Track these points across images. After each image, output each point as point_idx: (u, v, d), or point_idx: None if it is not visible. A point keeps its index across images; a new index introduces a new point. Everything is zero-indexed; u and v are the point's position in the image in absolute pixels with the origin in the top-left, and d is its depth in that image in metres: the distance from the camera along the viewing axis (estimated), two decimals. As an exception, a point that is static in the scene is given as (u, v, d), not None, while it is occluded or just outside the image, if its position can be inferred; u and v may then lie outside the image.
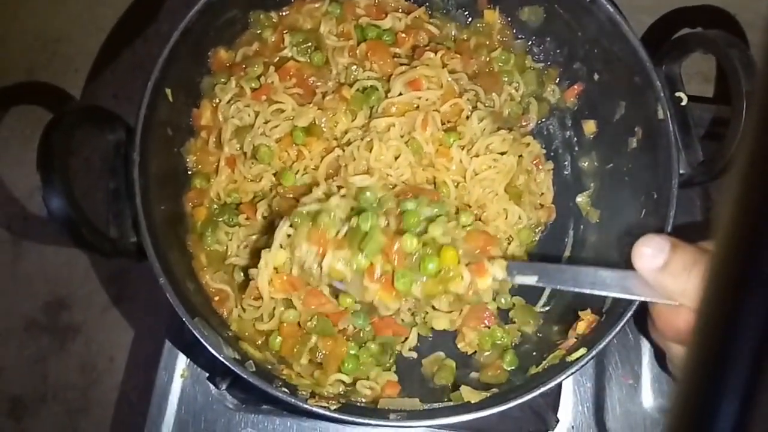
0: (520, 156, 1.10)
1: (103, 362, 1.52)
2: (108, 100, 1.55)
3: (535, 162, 1.13)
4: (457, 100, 1.08)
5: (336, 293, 0.99)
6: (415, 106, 1.08)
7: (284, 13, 1.16)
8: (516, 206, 1.08)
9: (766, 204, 0.31)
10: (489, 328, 1.05)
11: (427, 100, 1.07)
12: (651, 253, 0.77)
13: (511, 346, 1.05)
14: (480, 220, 1.06)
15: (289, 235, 0.95)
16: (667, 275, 0.76)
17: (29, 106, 1.54)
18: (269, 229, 1.02)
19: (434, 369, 1.06)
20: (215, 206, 1.09)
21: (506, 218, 1.08)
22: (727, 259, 0.33)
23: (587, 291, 0.87)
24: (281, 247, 0.93)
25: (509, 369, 1.02)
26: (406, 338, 1.06)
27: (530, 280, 0.91)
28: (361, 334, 1.03)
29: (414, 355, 1.07)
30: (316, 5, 1.15)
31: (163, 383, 1.13)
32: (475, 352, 1.07)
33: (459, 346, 1.06)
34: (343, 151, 1.07)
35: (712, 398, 0.31)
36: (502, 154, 1.07)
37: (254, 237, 1.06)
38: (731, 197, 0.33)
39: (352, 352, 1.01)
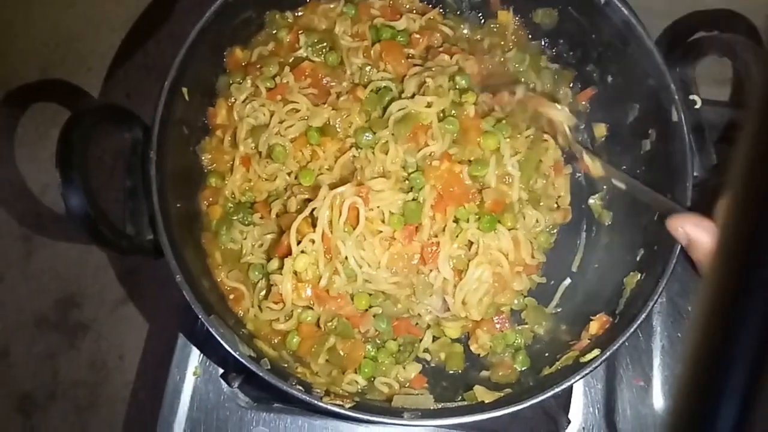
0: (540, 161, 1.10)
1: (113, 360, 1.53)
2: (121, 99, 1.56)
3: (553, 166, 1.13)
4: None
5: (353, 296, 1.00)
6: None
7: (299, 14, 1.16)
8: (534, 210, 1.08)
9: (765, 210, 0.32)
10: (503, 332, 1.05)
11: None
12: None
13: (524, 347, 1.05)
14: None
15: (312, 240, 0.96)
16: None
17: (41, 103, 1.55)
18: (283, 228, 1.02)
19: (442, 356, 1.06)
20: (230, 205, 1.09)
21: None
22: (728, 260, 0.33)
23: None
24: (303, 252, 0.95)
25: (521, 369, 1.03)
26: (421, 339, 1.07)
27: (621, 185, 1.00)
28: (380, 335, 1.04)
29: (428, 357, 1.07)
30: (332, 6, 1.16)
31: (176, 381, 1.13)
32: (487, 353, 1.07)
33: (472, 348, 1.07)
34: (359, 152, 1.07)
35: (712, 399, 0.32)
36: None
37: (269, 236, 1.06)
38: (731, 200, 0.33)
39: (372, 354, 1.02)
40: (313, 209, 0.98)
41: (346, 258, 0.97)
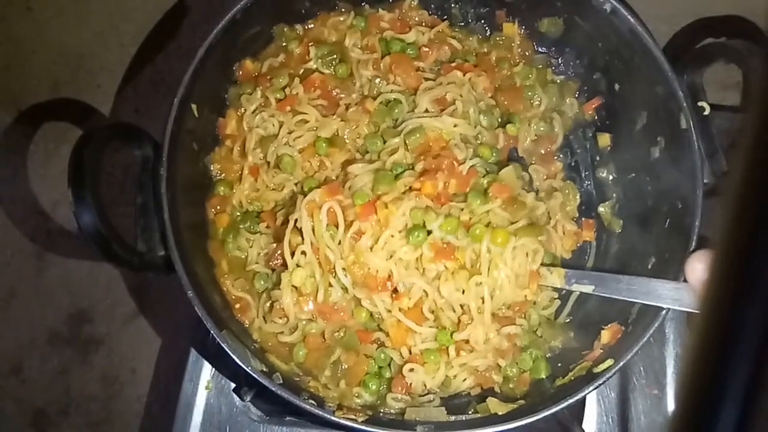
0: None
1: (125, 374, 1.53)
2: (130, 114, 1.57)
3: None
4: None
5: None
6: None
7: (309, 26, 1.17)
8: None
9: (764, 210, 0.32)
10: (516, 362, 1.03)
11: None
12: (703, 268, 0.80)
13: (542, 357, 1.03)
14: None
15: (303, 252, 0.95)
16: None
17: (52, 121, 1.57)
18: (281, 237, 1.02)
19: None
20: (237, 213, 1.10)
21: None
22: (728, 262, 0.33)
23: (640, 301, 0.93)
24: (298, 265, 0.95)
25: (545, 377, 1.01)
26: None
27: (587, 288, 0.99)
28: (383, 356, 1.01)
29: None
30: (341, 18, 1.16)
31: (188, 395, 1.13)
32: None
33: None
34: (364, 156, 1.08)
35: (713, 402, 0.32)
36: None
37: (274, 245, 1.06)
38: (729, 203, 0.33)
39: (374, 370, 1.00)
40: (295, 220, 0.98)
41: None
